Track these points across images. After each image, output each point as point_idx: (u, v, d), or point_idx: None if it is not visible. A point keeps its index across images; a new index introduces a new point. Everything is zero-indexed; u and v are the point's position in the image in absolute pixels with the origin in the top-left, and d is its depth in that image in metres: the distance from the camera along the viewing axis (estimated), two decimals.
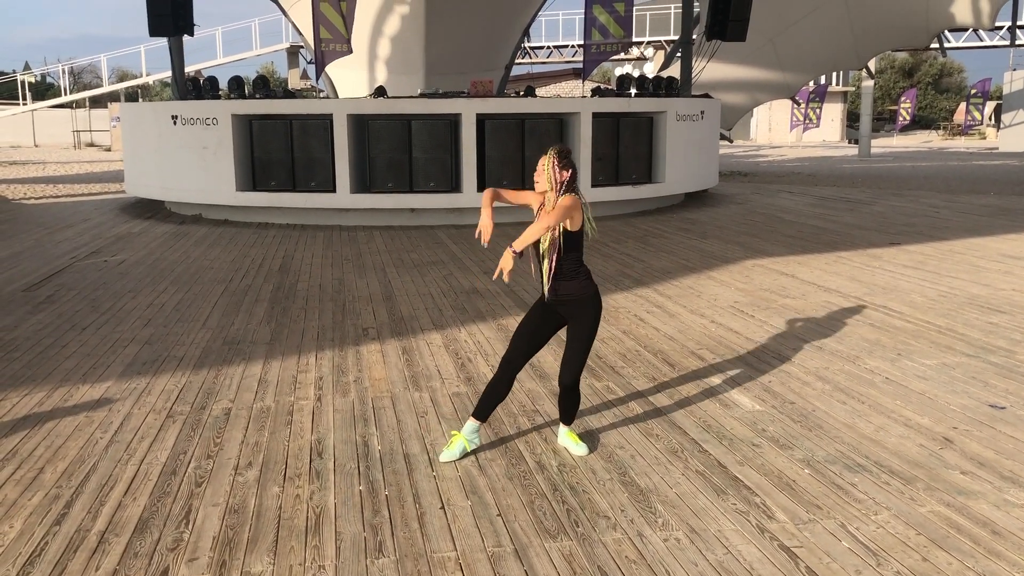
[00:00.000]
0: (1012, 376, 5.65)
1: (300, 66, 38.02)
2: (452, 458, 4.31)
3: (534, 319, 4.37)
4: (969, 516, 3.71)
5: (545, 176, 4.17)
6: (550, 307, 4.32)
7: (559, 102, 16.25)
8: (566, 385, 4.34)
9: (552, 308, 4.32)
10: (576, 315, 4.29)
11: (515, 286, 8.73)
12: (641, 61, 40.70)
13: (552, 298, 4.26)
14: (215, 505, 3.86)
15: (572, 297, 4.24)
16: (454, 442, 4.37)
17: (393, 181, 13.51)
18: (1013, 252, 10.63)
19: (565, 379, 4.32)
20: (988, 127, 47.83)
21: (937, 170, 25.87)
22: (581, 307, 4.27)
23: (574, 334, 4.29)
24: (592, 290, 4.30)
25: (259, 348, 6.49)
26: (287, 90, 14.93)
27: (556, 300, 4.26)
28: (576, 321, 4.30)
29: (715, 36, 15.77)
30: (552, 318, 4.35)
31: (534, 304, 4.44)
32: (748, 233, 12.50)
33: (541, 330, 4.36)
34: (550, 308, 4.33)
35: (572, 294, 4.24)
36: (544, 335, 4.37)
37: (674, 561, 3.35)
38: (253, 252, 11.05)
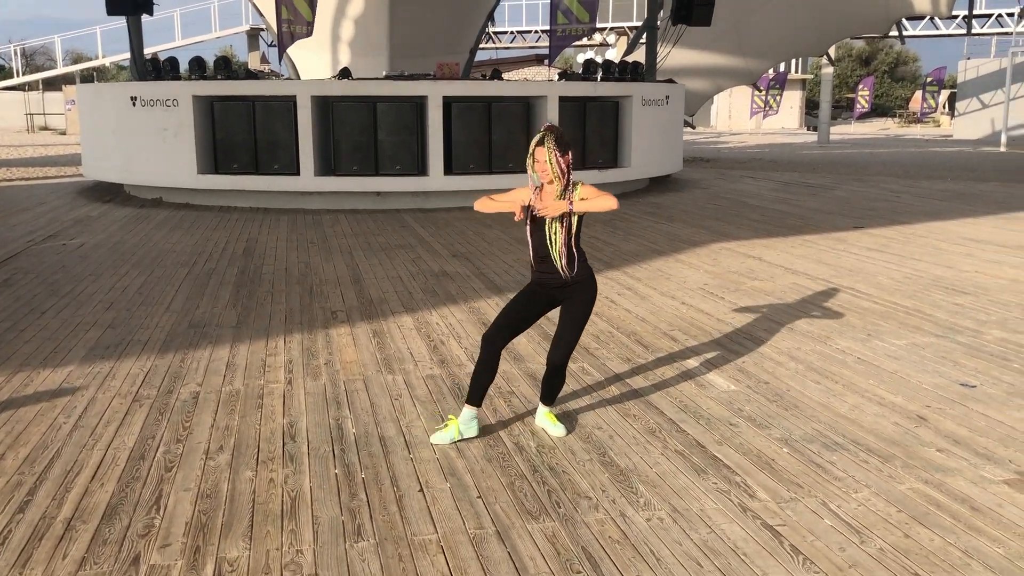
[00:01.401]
0: (980, 355, 5.71)
1: (260, 49, 37.44)
2: (442, 442, 4.24)
3: (524, 302, 4.29)
4: (947, 493, 3.73)
5: (551, 169, 4.04)
6: (545, 290, 4.25)
7: (526, 85, 16.16)
8: (556, 364, 4.29)
9: (548, 291, 4.25)
10: (576, 296, 4.24)
11: (485, 269, 8.65)
12: (604, 47, 40.69)
13: (570, 279, 4.17)
14: (186, 490, 3.75)
15: (577, 278, 4.20)
16: (449, 426, 4.30)
17: (358, 164, 13.34)
18: (973, 235, 10.78)
19: (556, 358, 4.27)
20: (943, 115, 48.58)
21: (895, 156, 26.21)
22: (582, 288, 4.24)
23: (571, 314, 4.24)
24: (591, 271, 4.29)
25: (226, 331, 6.35)
26: (249, 71, 14.64)
27: (568, 281, 4.18)
28: (573, 302, 4.24)
29: (680, 20, 15.77)
30: (544, 301, 4.29)
31: (527, 287, 4.34)
32: (714, 217, 12.55)
33: (531, 312, 4.30)
34: (544, 291, 4.25)
35: (577, 275, 4.20)
36: (532, 318, 4.31)
37: (658, 541, 3.32)
38: (216, 235, 10.85)
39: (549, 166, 4.01)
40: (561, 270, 4.16)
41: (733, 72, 23.95)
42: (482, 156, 13.60)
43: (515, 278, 8.20)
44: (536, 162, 4.06)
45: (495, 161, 13.63)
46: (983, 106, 35.34)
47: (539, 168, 4.06)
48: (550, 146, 4.01)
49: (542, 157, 4.03)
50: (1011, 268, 8.65)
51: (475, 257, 9.33)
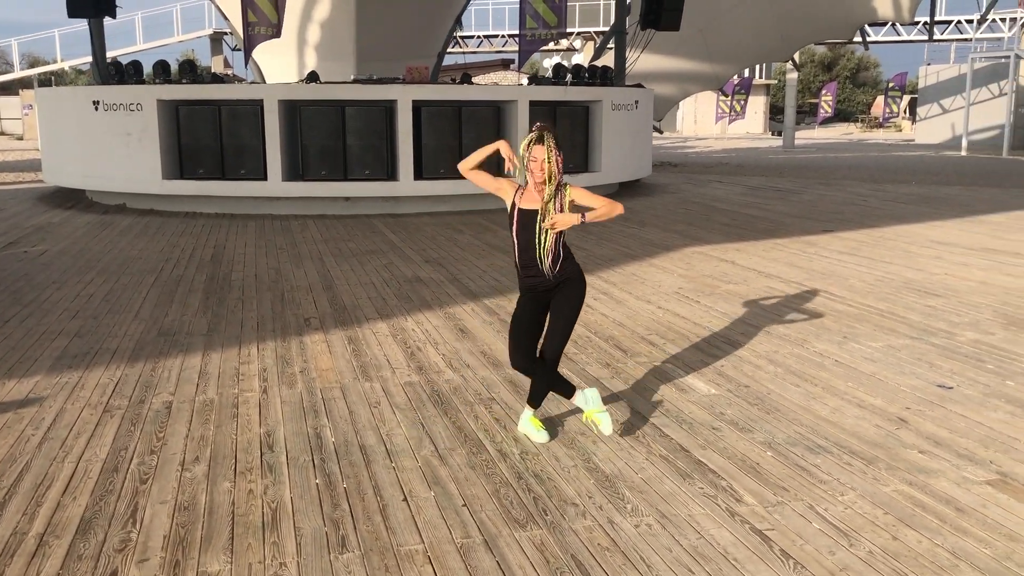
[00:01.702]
0: (955, 357, 5.75)
1: (224, 53, 37.06)
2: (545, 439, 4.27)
3: (523, 318, 4.24)
4: (932, 494, 3.73)
5: (549, 168, 4.00)
6: (540, 294, 4.22)
7: (496, 89, 16.12)
8: (546, 360, 4.24)
9: (542, 293, 4.22)
10: (566, 292, 4.22)
11: (459, 274, 8.59)
12: (570, 52, 40.81)
13: (553, 279, 4.15)
14: (163, 502, 3.65)
15: (566, 276, 4.19)
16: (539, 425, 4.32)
17: (327, 169, 13.21)
18: (940, 238, 10.91)
19: (547, 353, 4.23)
20: (904, 120, 49.34)
21: (859, 160, 26.54)
22: (572, 285, 4.23)
23: (561, 311, 4.21)
24: (579, 267, 4.30)
25: (197, 339, 6.23)
26: (215, 75, 14.45)
27: (554, 281, 4.16)
28: (564, 298, 4.22)
29: (649, 25, 15.83)
30: (543, 304, 4.25)
31: (521, 299, 4.28)
32: (685, 221, 12.59)
33: (533, 324, 4.25)
34: (540, 295, 4.22)
35: (566, 273, 4.19)
36: (538, 327, 4.28)
37: (647, 547, 3.28)
38: (182, 242, 10.67)
39: (548, 165, 3.98)
40: (546, 272, 4.12)
41: (700, 77, 24.11)
42: (452, 160, 13.40)
43: (489, 283, 8.15)
44: (533, 160, 4.01)
45: None
46: (943, 111, 35.91)
47: (535, 167, 4.02)
48: (550, 144, 3.99)
49: (541, 156, 3.99)
50: (979, 270, 8.76)
51: (448, 263, 9.26)
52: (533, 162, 4.02)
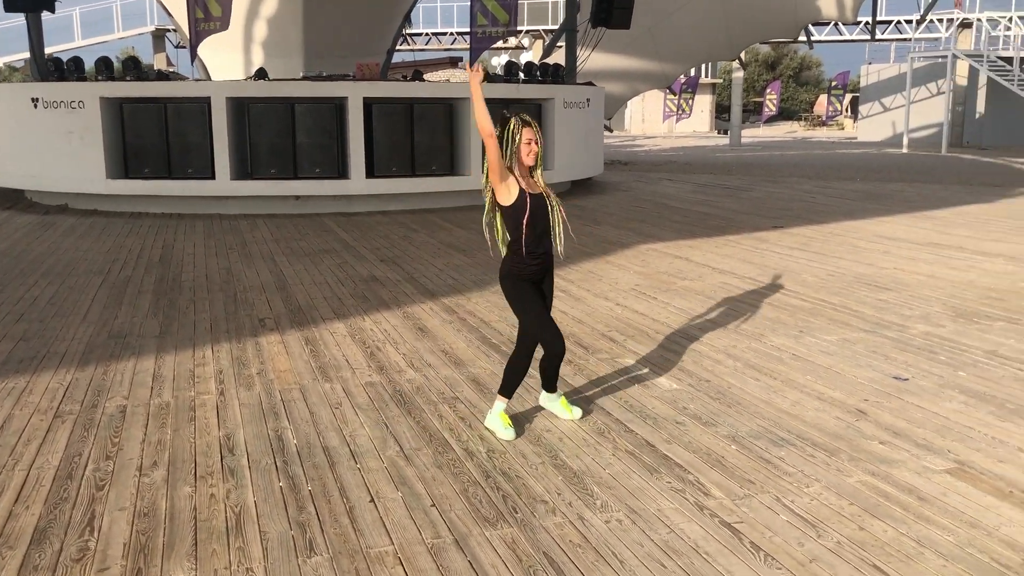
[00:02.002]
0: (908, 349, 5.86)
1: (166, 50, 36.36)
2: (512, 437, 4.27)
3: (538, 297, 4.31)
4: (894, 484, 3.79)
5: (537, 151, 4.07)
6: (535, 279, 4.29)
7: (449, 87, 16.05)
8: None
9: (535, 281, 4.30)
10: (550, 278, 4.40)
11: (415, 273, 8.53)
12: (519, 51, 40.83)
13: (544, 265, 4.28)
14: (121, 509, 3.54)
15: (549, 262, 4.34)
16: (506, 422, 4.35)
17: (276, 167, 13.02)
18: (887, 233, 11.13)
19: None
20: (846, 118, 50.30)
21: (804, 158, 27.00)
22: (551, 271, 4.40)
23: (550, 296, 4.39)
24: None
25: (149, 341, 6.08)
26: (161, 72, 14.15)
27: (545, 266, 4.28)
28: (550, 285, 4.39)
29: (600, 23, 15.89)
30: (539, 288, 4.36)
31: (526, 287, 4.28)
32: (638, 219, 12.66)
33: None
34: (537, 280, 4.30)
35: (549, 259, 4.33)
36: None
37: (619, 543, 3.27)
38: (129, 242, 10.43)
39: (538, 147, 4.04)
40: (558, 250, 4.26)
41: (649, 76, 24.28)
42: (405, 159, 13.44)
43: (447, 282, 8.10)
44: (526, 143, 4.02)
45: (418, 163, 13.49)
46: (884, 109, 36.71)
47: (527, 149, 4.03)
48: (536, 127, 4.05)
49: (531, 136, 4.03)
50: (926, 264, 8.95)
51: (404, 262, 9.18)
52: (526, 145, 4.03)
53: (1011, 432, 4.37)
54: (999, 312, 6.88)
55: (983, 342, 6.01)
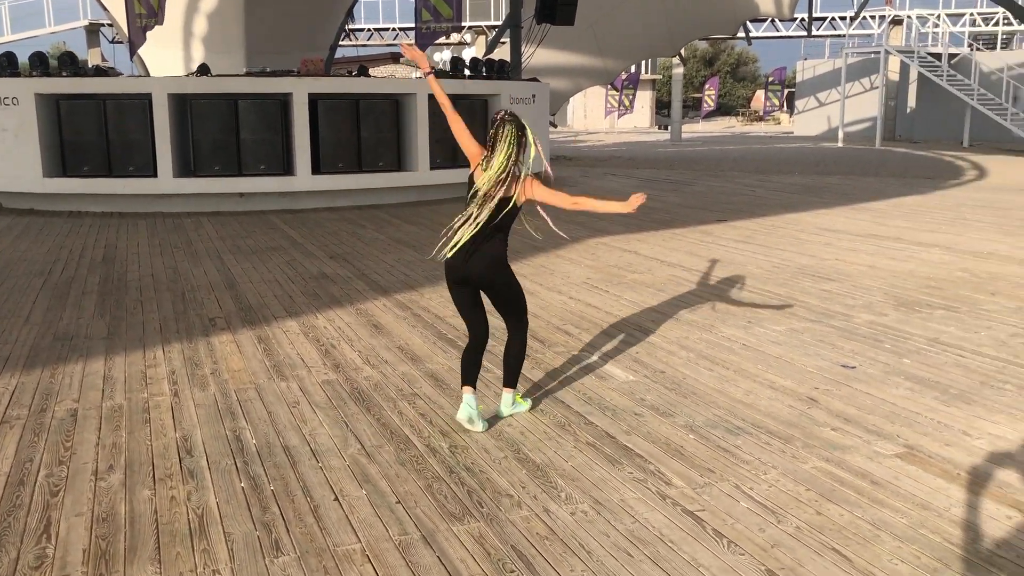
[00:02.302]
0: (854, 338, 6.02)
1: (101, 45, 35.47)
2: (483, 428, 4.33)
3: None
4: (848, 469, 3.89)
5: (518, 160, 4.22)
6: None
7: (395, 83, 15.96)
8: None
9: None
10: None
11: (366, 269, 8.48)
12: (462, 46, 40.75)
13: None
14: (79, 515, 3.47)
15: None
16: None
17: (220, 164, 12.83)
18: (828, 225, 11.39)
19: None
20: (783, 113, 51.26)
21: (743, 153, 27.47)
22: None
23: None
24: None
25: (97, 343, 5.95)
26: (99, 68, 13.82)
27: None
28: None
29: (545, 19, 15.95)
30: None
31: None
32: (584, 213, 12.72)
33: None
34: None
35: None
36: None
37: (586, 534, 3.31)
38: (70, 242, 10.18)
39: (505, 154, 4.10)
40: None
41: (591, 71, 24.45)
42: (351, 154, 13.34)
43: (399, 278, 8.08)
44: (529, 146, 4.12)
45: (365, 159, 13.41)
46: (820, 104, 37.50)
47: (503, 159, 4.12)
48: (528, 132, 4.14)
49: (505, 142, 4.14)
50: (867, 255, 9.18)
51: (354, 258, 9.12)
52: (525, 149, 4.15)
53: (956, 416, 4.52)
54: (938, 301, 7.10)
55: (925, 330, 6.20)
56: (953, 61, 30.56)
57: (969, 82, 27.87)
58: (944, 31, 32.16)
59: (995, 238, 10.28)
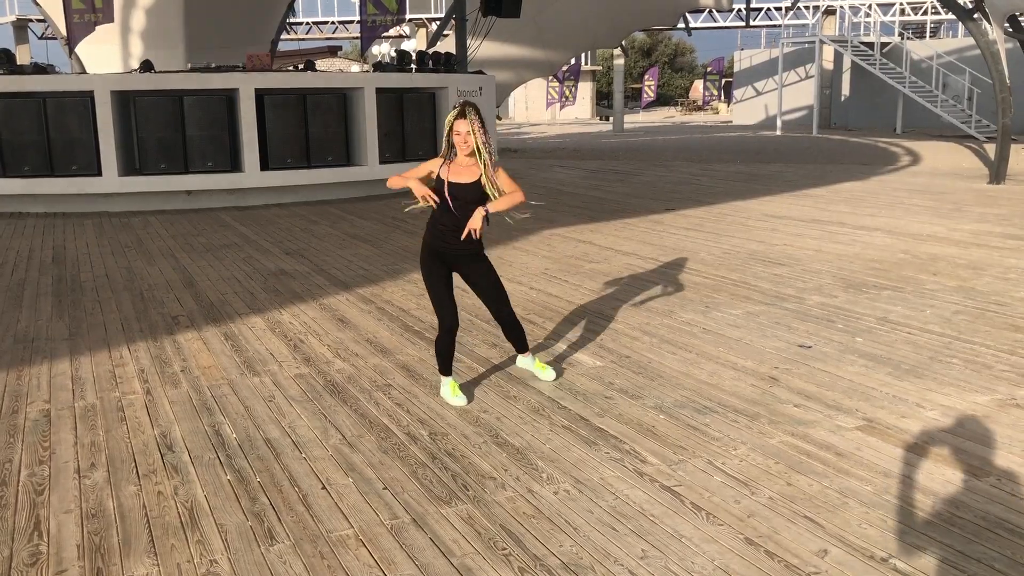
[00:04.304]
0: (808, 319, 6.25)
1: (29, 42, 34.51)
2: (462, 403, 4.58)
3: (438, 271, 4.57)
4: (812, 442, 4.08)
5: (474, 141, 4.24)
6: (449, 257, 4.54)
7: (342, 77, 15.89)
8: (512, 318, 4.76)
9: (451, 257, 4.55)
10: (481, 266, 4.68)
11: (324, 265, 8.50)
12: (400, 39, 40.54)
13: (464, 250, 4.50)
14: (67, 512, 3.49)
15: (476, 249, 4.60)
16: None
17: (166, 162, 12.67)
18: (773, 212, 11.70)
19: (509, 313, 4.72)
20: (721, 103, 52.06)
21: (685, 142, 27.88)
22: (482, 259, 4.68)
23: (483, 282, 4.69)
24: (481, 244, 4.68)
25: (60, 344, 5.90)
26: (38, 65, 13.52)
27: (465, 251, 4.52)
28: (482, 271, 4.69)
29: (491, 12, 16.02)
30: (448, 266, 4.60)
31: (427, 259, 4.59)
32: (536, 205, 12.88)
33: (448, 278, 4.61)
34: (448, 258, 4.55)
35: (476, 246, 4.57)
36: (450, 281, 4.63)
37: (571, 511, 3.44)
38: (16, 244, 9.99)
39: (472, 137, 4.13)
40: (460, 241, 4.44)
41: (534, 63, 24.59)
42: (299, 150, 13.28)
43: (358, 272, 8.11)
44: (457, 135, 4.15)
45: (313, 154, 13.35)
46: (757, 93, 38.18)
47: (459, 141, 4.17)
48: (472, 118, 4.14)
49: (464, 129, 4.16)
50: (812, 240, 9.48)
51: (310, 254, 9.12)
52: (457, 136, 4.17)
53: (908, 390, 4.76)
54: (884, 282, 7.38)
55: (874, 310, 6.46)
56: (885, 50, 31.39)
57: (901, 70, 28.67)
58: (876, 20, 32.99)
59: (932, 221, 10.68)
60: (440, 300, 4.54)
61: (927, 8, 34.93)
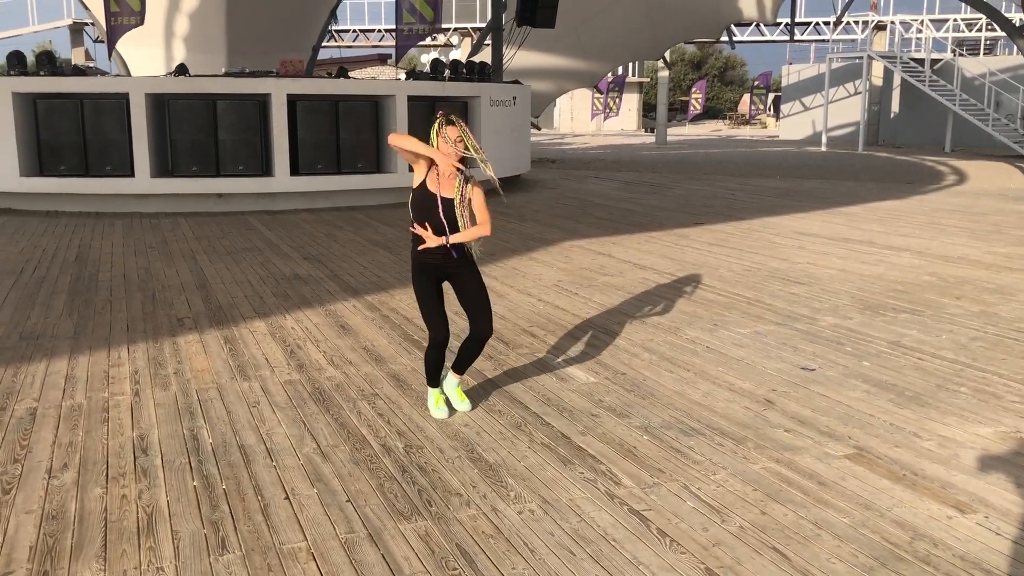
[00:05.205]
0: (817, 341, 6.08)
1: (85, 44, 35.34)
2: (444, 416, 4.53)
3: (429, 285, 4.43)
4: (796, 470, 3.94)
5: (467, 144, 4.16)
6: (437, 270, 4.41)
7: (374, 84, 15.98)
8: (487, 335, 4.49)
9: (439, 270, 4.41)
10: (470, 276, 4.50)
11: (339, 271, 8.51)
12: (448, 48, 40.80)
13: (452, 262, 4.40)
14: (28, 512, 3.49)
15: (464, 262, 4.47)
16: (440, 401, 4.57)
17: (198, 165, 12.83)
18: (803, 229, 11.47)
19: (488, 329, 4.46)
20: (769, 117, 51.51)
21: (728, 156, 27.58)
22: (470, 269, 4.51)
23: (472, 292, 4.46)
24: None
25: (62, 343, 5.96)
26: (77, 67, 13.79)
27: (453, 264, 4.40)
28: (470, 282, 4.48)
29: (525, 22, 16.01)
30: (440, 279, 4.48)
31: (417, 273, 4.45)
32: (563, 216, 12.81)
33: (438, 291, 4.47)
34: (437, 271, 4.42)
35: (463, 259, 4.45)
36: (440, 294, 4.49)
37: (531, 532, 3.35)
38: (44, 242, 10.16)
39: (465, 141, 4.06)
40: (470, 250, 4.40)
41: (575, 74, 24.53)
42: (330, 156, 13.35)
43: (371, 279, 8.10)
44: (444, 141, 4.07)
45: (344, 161, 13.42)
46: (805, 108, 37.69)
47: (445, 149, 4.07)
48: (462, 125, 4.08)
49: (455, 134, 4.08)
50: (838, 259, 9.26)
51: (328, 259, 9.14)
52: (444, 143, 4.08)
53: (908, 418, 4.58)
54: (904, 304, 7.17)
55: (888, 333, 6.27)
56: (936, 67, 30.79)
57: (952, 87, 28.07)
58: (927, 36, 32.39)
59: (967, 242, 10.38)
60: (431, 314, 4.42)
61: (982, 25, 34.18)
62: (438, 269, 4.42)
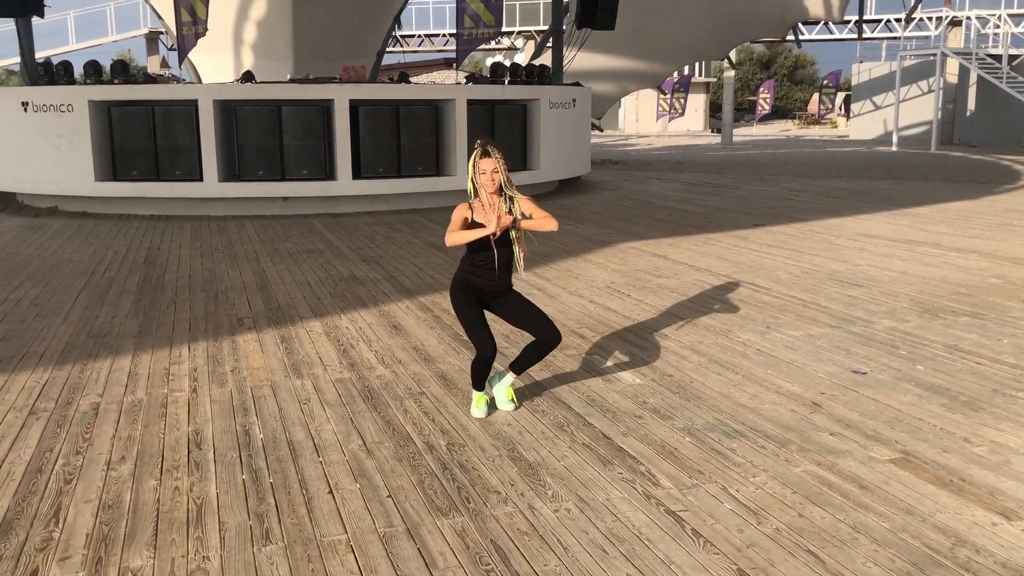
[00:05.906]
0: (871, 344, 5.98)
1: (160, 53, 36.45)
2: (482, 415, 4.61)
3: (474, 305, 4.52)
4: (838, 473, 3.91)
5: (500, 178, 4.24)
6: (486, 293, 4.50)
7: (434, 88, 16.18)
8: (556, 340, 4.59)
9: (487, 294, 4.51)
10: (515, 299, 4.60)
11: (395, 272, 8.65)
12: (512, 51, 40.96)
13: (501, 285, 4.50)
14: (87, 502, 3.66)
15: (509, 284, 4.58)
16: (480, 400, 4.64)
17: (264, 169, 13.15)
18: (866, 231, 11.25)
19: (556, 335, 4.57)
20: (839, 116, 50.44)
21: (794, 156, 27.12)
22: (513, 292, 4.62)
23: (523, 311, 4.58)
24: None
25: (127, 341, 6.20)
26: (148, 75, 14.27)
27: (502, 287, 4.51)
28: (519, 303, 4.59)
29: (585, 24, 16.03)
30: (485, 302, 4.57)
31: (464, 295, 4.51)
32: (621, 218, 12.79)
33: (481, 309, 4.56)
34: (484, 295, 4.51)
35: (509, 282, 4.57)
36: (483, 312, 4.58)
37: (565, 531, 3.39)
38: (116, 244, 10.54)
39: (498, 176, 4.15)
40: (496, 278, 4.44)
41: (637, 75, 24.41)
42: (391, 160, 13.56)
43: (425, 280, 8.22)
44: (482, 173, 4.17)
45: (404, 165, 13.62)
46: (876, 107, 36.83)
47: (485, 180, 4.17)
48: (497, 156, 4.15)
49: (489, 167, 4.17)
50: (900, 261, 9.07)
51: (385, 261, 9.30)
52: (483, 175, 4.18)
53: (959, 423, 4.49)
54: (965, 308, 7.00)
55: (945, 336, 6.13)
56: (1015, 63, 29.79)
57: None
58: (1005, 32, 31.35)
59: None
60: (477, 330, 4.48)
61: None
62: (484, 292, 4.50)
